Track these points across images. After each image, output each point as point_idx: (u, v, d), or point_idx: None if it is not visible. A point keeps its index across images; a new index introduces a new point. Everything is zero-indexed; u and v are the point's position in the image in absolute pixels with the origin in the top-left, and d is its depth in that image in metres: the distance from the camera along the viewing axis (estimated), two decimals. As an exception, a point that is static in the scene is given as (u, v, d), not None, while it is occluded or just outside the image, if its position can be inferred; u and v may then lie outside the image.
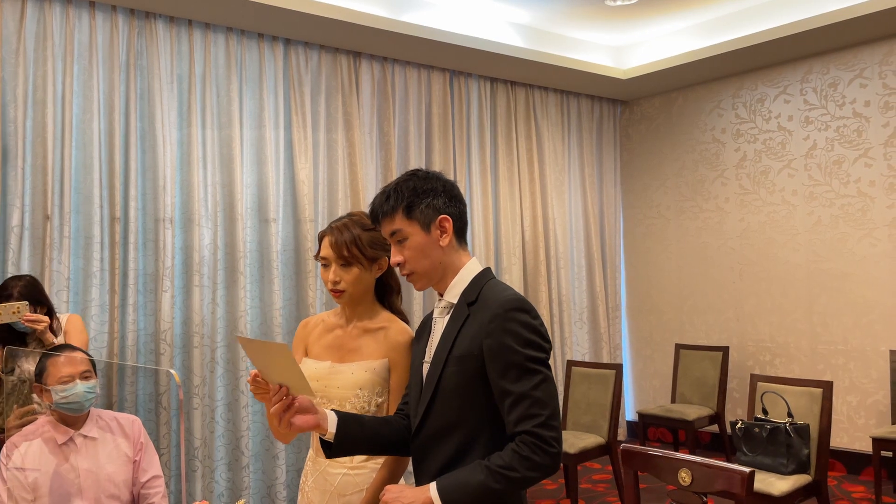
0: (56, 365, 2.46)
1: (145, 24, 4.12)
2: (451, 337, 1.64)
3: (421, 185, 1.67)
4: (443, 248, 1.67)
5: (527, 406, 1.53)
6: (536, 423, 1.52)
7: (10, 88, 3.72)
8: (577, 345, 6.03)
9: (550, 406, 1.54)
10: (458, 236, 1.71)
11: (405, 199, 1.65)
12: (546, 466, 1.52)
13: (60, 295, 3.76)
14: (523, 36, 5.31)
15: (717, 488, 1.96)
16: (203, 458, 4.11)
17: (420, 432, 1.67)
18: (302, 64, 4.69)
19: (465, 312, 1.64)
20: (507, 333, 1.55)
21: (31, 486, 2.37)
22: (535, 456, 1.51)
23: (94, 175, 3.91)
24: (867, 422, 5.05)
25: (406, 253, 1.66)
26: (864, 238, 5.10)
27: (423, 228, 1.65)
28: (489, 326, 1.57)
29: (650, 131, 6.40)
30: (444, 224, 1.67)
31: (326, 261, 1.90)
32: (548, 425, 1.52)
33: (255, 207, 4.47)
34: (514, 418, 1.54)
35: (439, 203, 1.67)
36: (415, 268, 1.67)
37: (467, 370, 1.60)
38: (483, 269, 1.72)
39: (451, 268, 1.69)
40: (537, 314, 1.61)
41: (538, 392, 1.53)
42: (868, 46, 5.11)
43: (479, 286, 1.66)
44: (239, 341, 1.71)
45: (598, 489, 4.91)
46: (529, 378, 1.54)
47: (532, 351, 1.56)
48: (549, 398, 1.54)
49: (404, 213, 1.65)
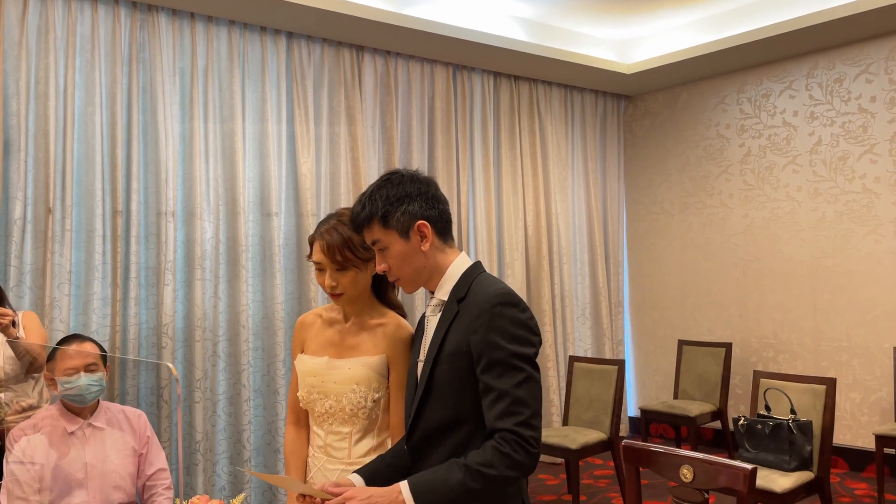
0: (64, 356, 2.49)
1: (148, 17, 4.11)
2: (441, 334, 1.63)
3: (394, 193, 1.63)
4: (425, 252, 1.64)
5: (508, 404, 1.51)
6: (517, 421, 1.50)
7: (12, 81, 3.71)
8: (579, 340, 6.02)
9: (532, 406, 1.52)
10: (441, 236, 1.68)
11: (380, 208, 1.62)
12: (525, 465, 1.50)
13: (62, 288, 3.76)
14: (527, 30, 5.28)
15: (718, 485, 1.95)
16: (204, 452, 4.11)
17: (415, 431, 1.65)
18: (305, 57, 4.67)
19: (454, 309, 1.63)
20: (493, 329, 1.54)
21: (37, 475, 2.39)
22: (515, 454, 1.49)
23: (96, 168, 3.90)
24: (870, 419, 5.03)
25: (389, 261, 1.65)
26: (869, 234, 5.07)
27: (401, 236, 1.63)
28: (476, 322, 1.55)
29: (654, 127, 6.38)
30: (423, 230, 1.63)
31: (320, 265, 1.87)
32: (528, 424, 1.50)
33: (257, 201, 4.46)
34: (494, 415, 1.52)
35: (415, 208, 1.63)
36: (399, 275, 1.66)
37: (458, 367, 1.58)
38: (472, 263, 1.69)
39: (437, 269, 1.67)
40: (526, 307, 1.59)
41: (520, 391, 1.51)
42: (874, 41, 5.07)
43: (468, 282, 1.64)
44: (250, 474, 1.82)
45: (600, 485, 4.90)
46: (513, 375, 1.52)
47: (517, 346, 1.53)
48: (532, 397, 1.52)
49: (380, 223, 1.62)
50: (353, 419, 1.87)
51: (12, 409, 2.88)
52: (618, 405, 4.50)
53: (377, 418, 1.89)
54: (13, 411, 2.88)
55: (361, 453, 1.88)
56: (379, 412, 1.89)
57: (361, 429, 1.88)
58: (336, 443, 1.90)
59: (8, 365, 2.90)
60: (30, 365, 2.95)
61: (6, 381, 2.90)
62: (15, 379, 2.93)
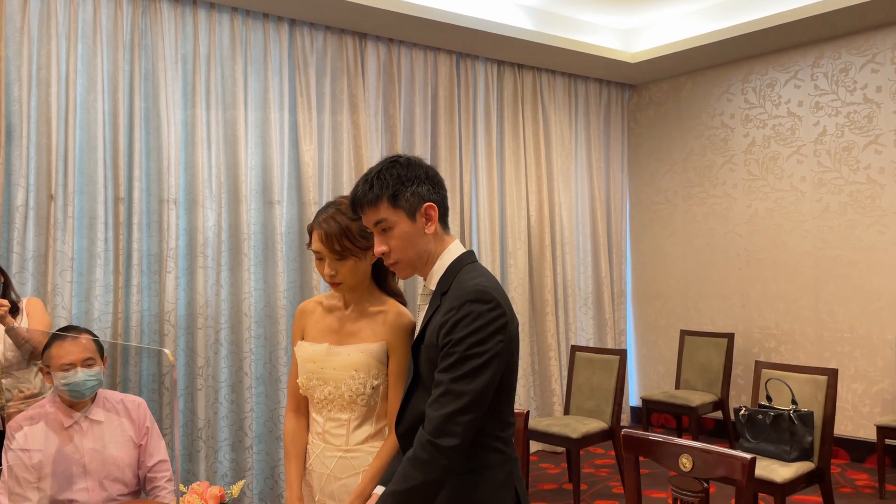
0: (60, 349, 2.44)
1: (149, 4, 4.10)
2: (422, 327, 1.64)
3: (405, 173, 1.62)
4: (428, 235, 1.64)
5: (440, 393, 1.50)
6: (439, 414, 1.49)
7: (14, 67, 3.70)
8: (581, 330, 6.02)
9: (463, 402, 1.48)
10: (441, 223, 1.68)
11: (390, 187, 1.61)
12: (436, 465, 1.48)
13: (64, 275, 3.76)
14: (531, 18, 5.25)
15: (717, 474, 1.95)
16: (207, 439, 4.12)
17: (401, 421, 1.67)
18: (307, 45, 4.65)
19: (437, 302, 1.63)
20: (457, 323, 1.52)
21: (35, 467, 2.38)
22: (422, 453, 1.49)
23: (97, 155, 3.90)
24: (872, 410, 5.03)
25: (392, 242, 1.63)
26: (873, 225, 5.05)
27: (408, 217, 1.62)
28: (446, 316, 1.55)
29: (658, 116, 6.35)
30: (430, 212, 1.64)
31: (319, 254, 1.87)
32: (450, 418, 1.48)
33: (259, 189, 4.45)
34: (428, 401, 1.53)
35: (424, 190, 1.63)
36: (400, 257, 1.64)
37: (432, 360, 1.59)
38: (461, 254, 1.68)
39: (433, 255, 1.67)
40: (498, 305, 1.53)
41: (458, 385, 1.49)
42: (881, 31, 5.03)
43: (453, 275, 1.64)
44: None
45: (601, 474, 4.92)
46: (457, 368, 1.50)
47: (473, 344, 1.50)
48: (469, 394, 1.48)
49: (389, 202, 1.61)
50: (352, 406, 1.88)
51: (14, 396, 2.89)
52: (619, 395, 4.50)
53: (376, 405, 1.89)
54: (15, 398, 2.88)
55: (359, 440, 1.88)
56: (378, 399, 1.89)
57: (360, 416, 1.89)
58: (334, 429, 1.90)
59: (9, 351, 2.91)
60: (31, 352, 2.96)
61: (8, 367, 2.91)
62: (17, 365, 2.93)
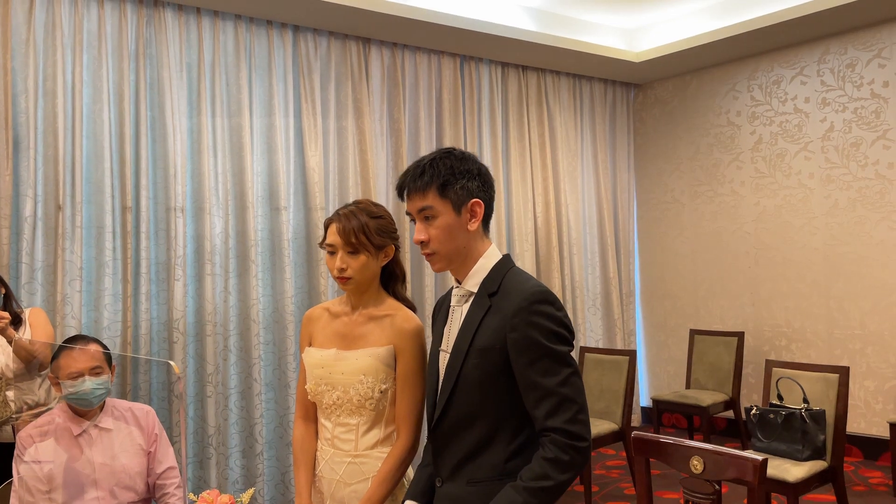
0: (68, 359, 2.45)
1: (154, 13, 4.12)
2: (473, 328, 1.61)
3: (458, 166, 1.62)
4: (470, 232, 1.64)
5: (555, 403, 1.52)
6: (566, 418, 1.51)
7: (20, 79, 3.72)
8: (590, 331, 6.00)
9: (578, 401, 1.53)
10: (484, 223, 1.67)
11: (441, 176, 1.61)
12: (576, 464, 1.51)
13: (73, 285, 3.78)
14: (534, 19, 5.25)
15: (729, 476, 1.94)
16: (217, 446, 4.13)
17: (441, 423, 1.65)
18: (311, 51, 4.66)
19: (486, 303, 1.61)
20: (533, 327, 1.53)
21: (46, 477, 2.39)
22: (563, 455, 1.50)
23: (105, 165, 3.91)
24: (885, 407, 4.99)
25: (432, 232, 1.62)
26: (882, 221, 5.02)
27: (454, 209, 1.62)
28: (513, 320, 1.54)
29: (664, 115, 6.33)
30: (476, 208, 1.63)
31: (333, 248, 1.88)
32: (576, 420, 1.51)
33: (265, 196, 4.46)
34: (543, 413, 1.52)
35: (474, 186, 1.63)
36: (438, 248, 1.63)
37: (489, 363, 1.57)
38: (503, 256, 1.68)
39: (472, 254, 1.66)
40: (561, 305, 1.58)
41: (566, 388, 1.52)
42: (887, 25, 5.00)
43: (499, 276, 1.63)
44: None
45: (612, 475, 4.90)
46: (557, 373, 1.52)
47: (558, 344, 1.54)
48: (577, 393, 1.53)
49: (438, 191, 1.61)
50: (361, 410, 1.87)
51: (18, 407, 2.89)
52: (629, 396, 4.48)
53: (384, 410, 1.89)
54: (20, 409, 2.88)
55: (368, 445, 1.88)
56: (386, 404, 1.89)
57: (369, 420, 1.88)
58: (343, 434, 1.90)
59: (14, 362, 2.92)
60: (35, 363, 2.96)
61: (12, 379, 2.91)
62: (21, 377, 2.94)
